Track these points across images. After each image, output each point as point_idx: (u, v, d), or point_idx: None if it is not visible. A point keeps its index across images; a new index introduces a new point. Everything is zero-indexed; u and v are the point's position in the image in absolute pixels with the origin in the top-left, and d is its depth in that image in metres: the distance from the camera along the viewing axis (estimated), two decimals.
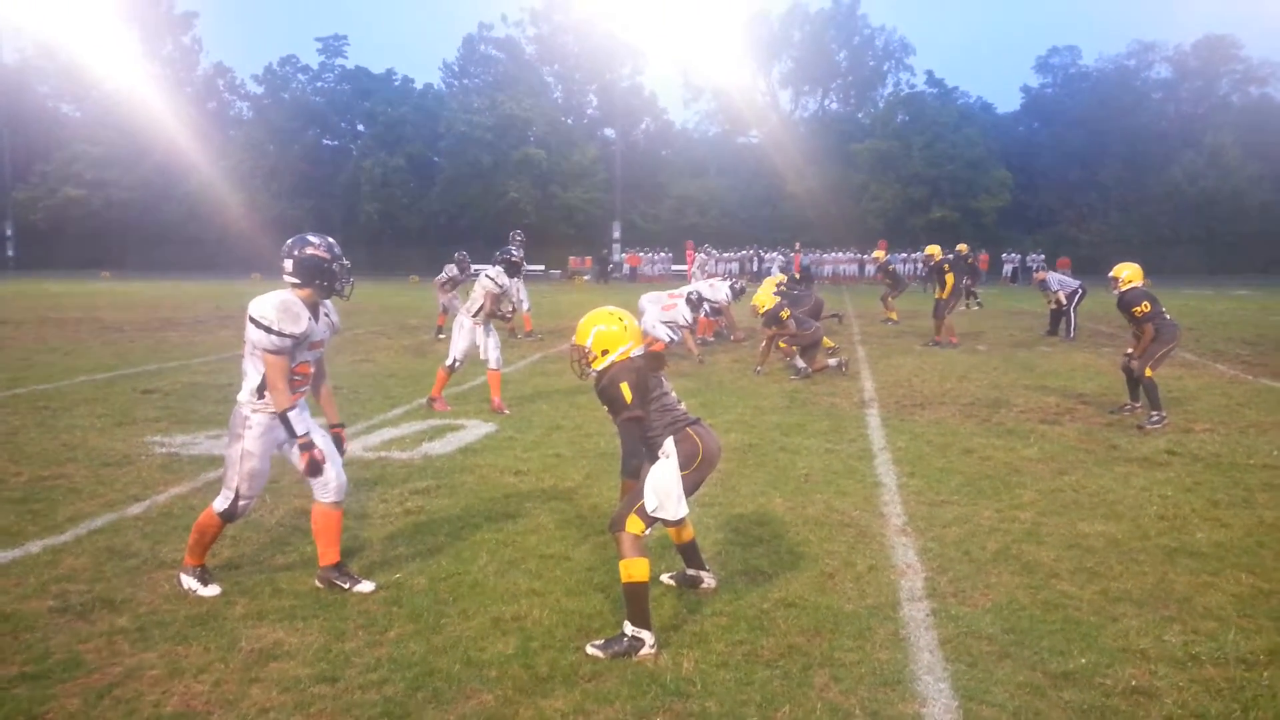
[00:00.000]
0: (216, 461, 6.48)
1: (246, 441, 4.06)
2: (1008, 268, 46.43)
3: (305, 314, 4.06)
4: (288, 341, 3.97)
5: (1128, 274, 8.50)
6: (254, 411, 4.06)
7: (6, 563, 4.53)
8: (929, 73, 60.54)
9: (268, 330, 3.93)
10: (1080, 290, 16.20)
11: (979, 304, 23.78)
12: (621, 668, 3.46)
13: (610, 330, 3.94)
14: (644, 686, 3.32)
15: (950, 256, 16.35)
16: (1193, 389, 10.21)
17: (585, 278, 46.22)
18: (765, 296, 11.80)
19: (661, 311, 13.04)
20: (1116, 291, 8.50)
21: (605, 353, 3.93)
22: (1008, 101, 72.09)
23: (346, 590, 4.15)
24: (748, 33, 61.63)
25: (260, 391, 4.02)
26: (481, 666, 3.47)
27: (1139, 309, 8.28)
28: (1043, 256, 42.66)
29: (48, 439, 7.38)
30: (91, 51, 55.89)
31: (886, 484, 6.15)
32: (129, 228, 59.14)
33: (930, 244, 16.94)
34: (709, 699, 3.24)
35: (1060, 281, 16.62)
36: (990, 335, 16.82)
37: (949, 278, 14.68)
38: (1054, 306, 16.45)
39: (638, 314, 12.73)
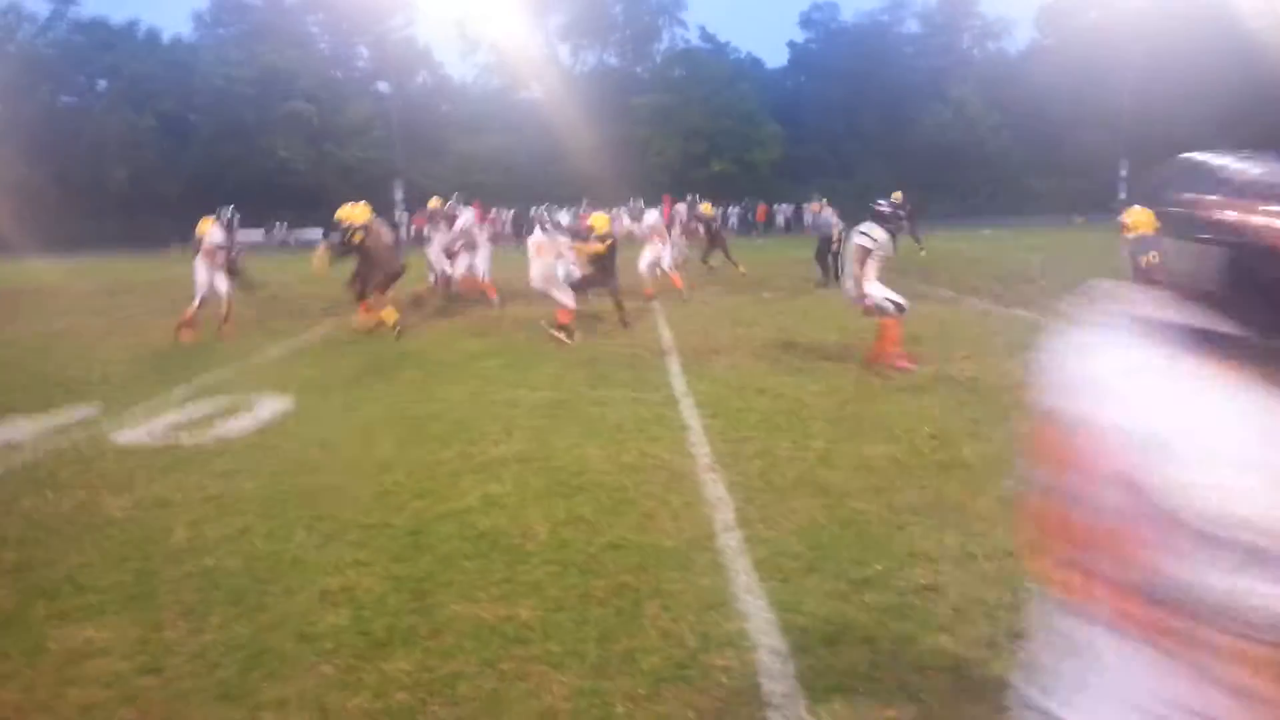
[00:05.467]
0: None
1: None
2: (780, 218, 49.07)
3: None
4: None
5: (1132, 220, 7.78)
6: None
7: None
8: (701, 28, 62.28)
9: None
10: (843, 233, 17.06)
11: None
12: (459, 624, 3.52)
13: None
14: (485, 639, 3.40)
15: (716, 216, 16.81)
16: (951, 322, 11.32)
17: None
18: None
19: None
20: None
21: None
22: (776, 57, 75.25)
23: None
24: None
25: None
26: (315, 640, 3.43)
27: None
28: (825, 200, 45.20)
29: None
30: None
31: (692, 427, 6.48)
32: None
33: (706, 201, 17.30)
34: (549, 641, 3.37)
35: (827, 223, 17.37)
36: (772, 283, 17.78)
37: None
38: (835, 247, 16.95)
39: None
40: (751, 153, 55.16)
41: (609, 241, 11.18)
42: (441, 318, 13.43)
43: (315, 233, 42.68)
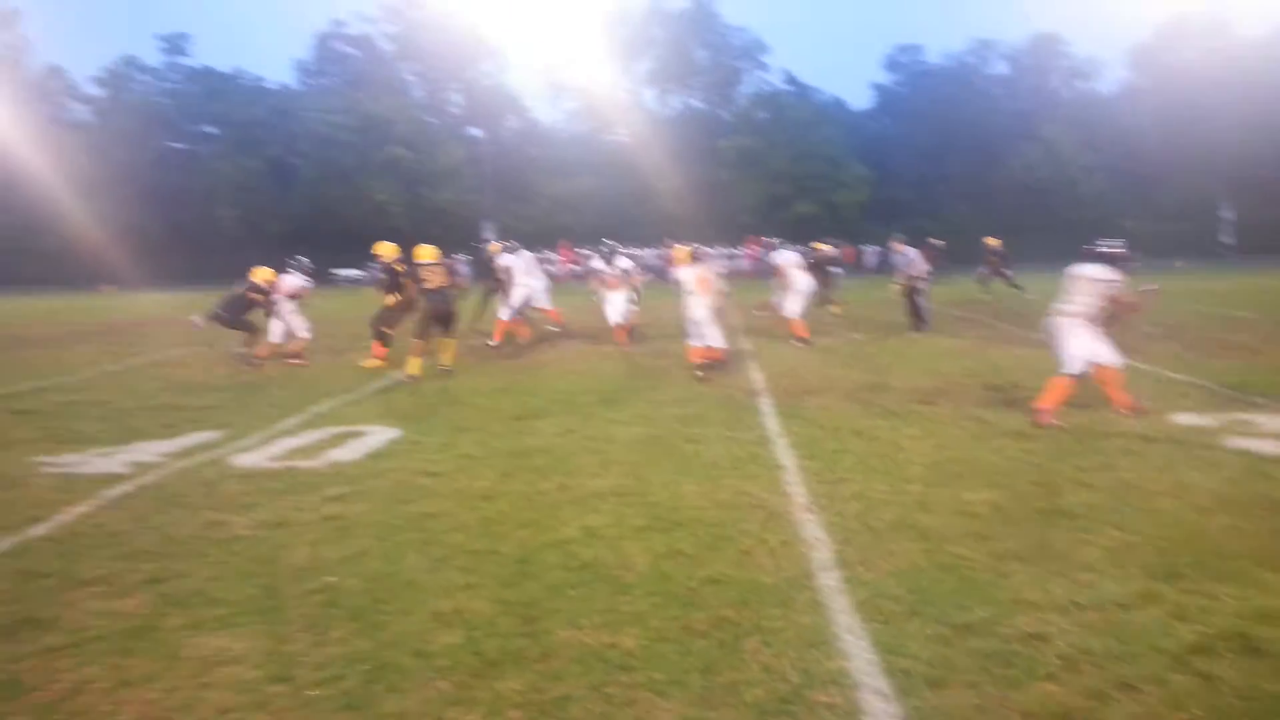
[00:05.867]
0: (114, 479, 6.32)
1: None
2: (870, 259, 48.71)
3: None
4: None
5: None
6: None
7: None
8: (785, 71, 62.68)
9: None
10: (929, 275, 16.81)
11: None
12: (567, 650, 3.64)
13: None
14: (591, 664, 3.51)
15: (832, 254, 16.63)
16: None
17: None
18: None
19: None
20: None
21: None
22: (861, 99, 75.09)
23: None
24: (609, 31, 62.11)
25: None
26: (431, 657, 3.59)
27: None
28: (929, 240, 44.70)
29: None
30: None
31: (787, 466, 6.51)
32: None
33: (820, 241, 17.09)
34: (654, 670, 3.46)
35: (908, 262, 16.90)
36: (863, 324, 17.66)
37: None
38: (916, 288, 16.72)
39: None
40: (837, 195, 55.06)
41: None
42: (531, 354, 13.74)
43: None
